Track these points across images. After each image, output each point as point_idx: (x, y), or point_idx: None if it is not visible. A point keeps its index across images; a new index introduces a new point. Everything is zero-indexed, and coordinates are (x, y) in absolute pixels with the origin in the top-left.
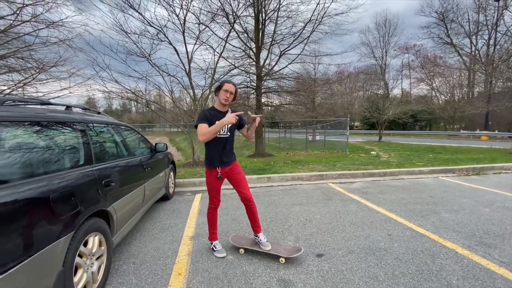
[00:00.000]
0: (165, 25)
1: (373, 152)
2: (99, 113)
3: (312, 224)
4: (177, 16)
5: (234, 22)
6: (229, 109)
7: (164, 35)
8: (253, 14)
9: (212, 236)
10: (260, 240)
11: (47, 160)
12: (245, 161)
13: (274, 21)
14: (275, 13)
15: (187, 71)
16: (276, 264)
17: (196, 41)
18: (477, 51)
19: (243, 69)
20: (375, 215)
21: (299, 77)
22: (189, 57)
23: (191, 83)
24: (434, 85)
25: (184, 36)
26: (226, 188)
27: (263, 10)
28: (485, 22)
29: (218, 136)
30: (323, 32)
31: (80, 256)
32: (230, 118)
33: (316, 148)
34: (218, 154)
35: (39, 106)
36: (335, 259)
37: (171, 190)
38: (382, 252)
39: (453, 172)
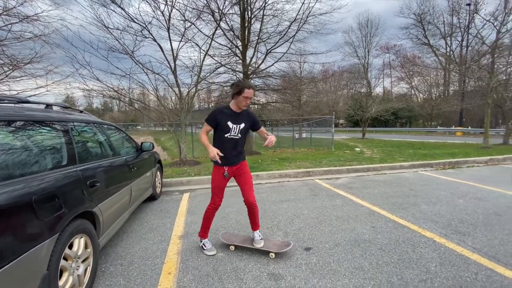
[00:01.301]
0: (150, 22)
1: (357, 149)
2: (81, 111)
3: (299, 219)
4: (162, 12)
5: (220, 19)
6: (246, 110)
7: (148, 31)
8: (239, 12)
9: (203, 233)
10: (254, 237)
11: (28, 161)
12: None
13: (260, 20)
14: (261, 12)
15: (173, 68)
16: (266, 259)
17: (182, 38)
18: (451, 52)
19: (229, 67)
20: (360, 208)
21: (285, 76)
22: (175, 55)
23: (176, 81)
24: (413, 83)
25: (169, 33)
26: None
27: (249, 8)
28: (458, 24)
29: (228, 137)
30: (308, 31)
31: (65, 259)
32: (212, 156)
33: (303, 145)
34: (227, 154)
35: (16, 105)
36: (322, 252)
37: (158, 190)
38: (367, 243)
39: (431, 166)
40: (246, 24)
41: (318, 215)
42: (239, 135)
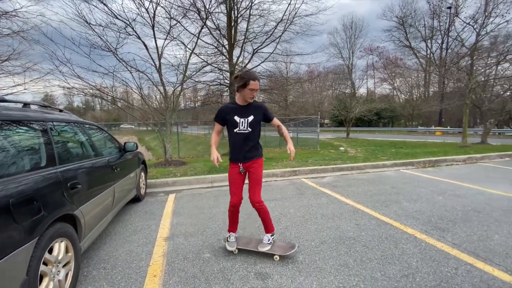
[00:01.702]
0: (134, 19)
1: (342, 148)
2: (61, 110)
3: (286, 218)
4: (146, 9)
5: (206, 18)
6: (255, 102)
7: (132, 28)
8: (225, 11)
9: (229, 228)
10: (262, 240)
11: (4, 162)
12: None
13: (247, 19)
14: (247, 11)
15: (157, 67)
16: (253, 259)
17: (167, 36)
18: (432, 54)
19: (216, 66)
20: (345, 206)
21: (272, 76)
22: (159, 53)
23: (161, 79)
24: (395, 84)
25: (153, 31)
26: (201, 187)
27: (236, 7)
28: (439, 27)
29: (238, 131)
30: (294, 32)
31: (45, 263)
32: (212, 160)
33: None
34: (238, 149)
35: None
36: (308, 250)
37: (142, 191)
38: (351, 240)
39: (412, 165)
40: (232, 24)
41: (304, 213)
42: (249, 128)
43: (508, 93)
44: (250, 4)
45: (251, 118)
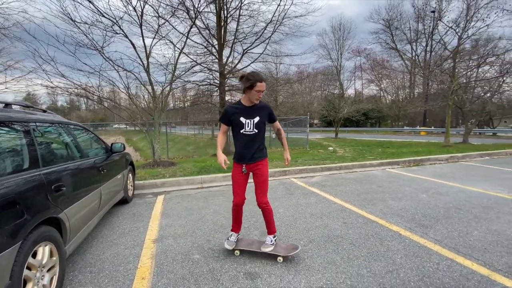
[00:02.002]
0: (121, 17)
1: (331, 148)
2: (44, 111)
3: (276, 217)
4: (134, 8)
5: (195, 17)
6: (260, 102)
7: (119, 27)
8: (215, 11)
9: (232, 228)
10: (265, 241)
11: None
12: (210, 160)
13: (236, 19)
14: (237, 11)
15: (145, 66)
16: (243, 259)
17: (155, 35)
18: (417, 56)
19: (205, 66)
20: (333, 205)
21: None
22: (147, 52)
23: (149, 79)
24: (382, 86)
25: (141, 30)
26: (191, 188)
27: (225, 7)
28: (423, 30)
29: (244, 132)
30: (284, 33)
31: (29, 268)
32: (220, 163)
33: (279, 145)
34: (243, 151)
35: None
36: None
37: (130, 193)
38: (339, 239)
39: (398, 164)
40: (222, 23)
41: (293, 213)
42: (255, 130)
43: (488, 95)
44: (239, 4)
45: (257, 119)
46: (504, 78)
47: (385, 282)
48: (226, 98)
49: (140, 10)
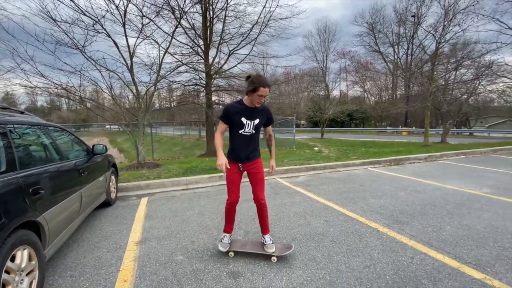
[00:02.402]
0: (103, 16)
1: (316, 148)
2: (22, 112)
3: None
4: (117, 6)
5: (181, 17)
6: (262, 104)
7: (102, 26)
8: (200, 11)
9: (225, 228)
10: (265, 242)
11: None
12: (196, 161)
13: (222, 20)
14: (223, 12)
15: (129, 66)
16: (226, 259)
17: (139, 34)
18: (399, 59)
19: (191, 66)
20: (316, 204)
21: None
22: (131, 51)
23: (133, 79)
24: (366, 87)
25: (124, 29)
26: (176, 189)
27: (211, 8)
28: (405, 34)
29: (243, 133)
30: (270, 35)
31: (8, 272)
32: (219, 165)
33: (265, 145)
34: (241, 150)
35: None
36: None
37: (113, 195)
38: (320, 236)
39: (379, 163)
40: (208, 24)
41: (277, 212)
42: (253, 131)
43: (464, 97)
44: (225, 5)
45: (257, 121)
46: (480, 81)
47: (362, 277)
48: (213, 99)
49: (123, 9)
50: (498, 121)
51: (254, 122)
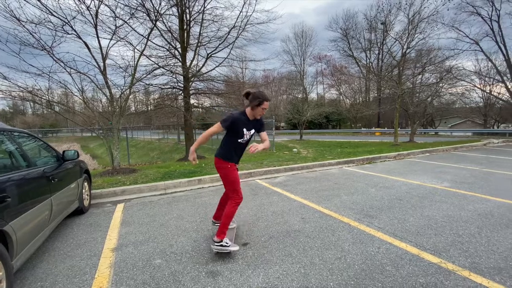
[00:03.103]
0: (74, 17)
1: (295, 149)
2: None
3: (239, 218)
4: (87, 7)
5: (157, 20)
6: (260, 118)
7: (71, 27)
8: (177, 14)
9: (225, 234)
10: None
11: None
12: (175, 165)
13: (199, 23)
14: (200, 15)
15: (102, 68)
16: (205, 259)
17: (112, 36)
18: (371, 63)
19: (168, 69)
20: (293, 203)
21: (228, 80)
22: (104, 53)
23: (106, 82)
24: (341, 90)
25: (96, 30)
26: (153, 194)
27: (188, 11)
28: (375, 40)
29: (241, 141)
30: (247, 39)
31: None
32: (193, 160)
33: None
34: (237, 154)
35: None
36: (258, 245)
37: (86, 203)
38: (296, 233)
39: (353, 162)
40: (185, 27)
41: (256, 212)
42: (248, 139)
43: (429, 99)
44: (202, 9)
45: (252, 131)
46: (442, 84)
47: (334, 268)
48: (191, 102)
49: (95, 10)
50: (459, 121)
51: (251, 133)
